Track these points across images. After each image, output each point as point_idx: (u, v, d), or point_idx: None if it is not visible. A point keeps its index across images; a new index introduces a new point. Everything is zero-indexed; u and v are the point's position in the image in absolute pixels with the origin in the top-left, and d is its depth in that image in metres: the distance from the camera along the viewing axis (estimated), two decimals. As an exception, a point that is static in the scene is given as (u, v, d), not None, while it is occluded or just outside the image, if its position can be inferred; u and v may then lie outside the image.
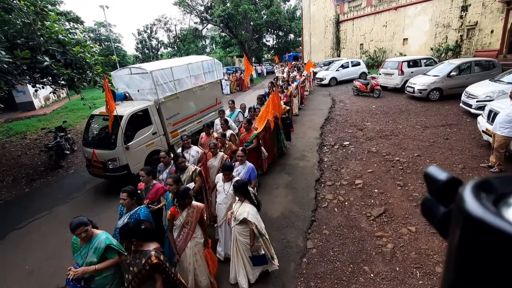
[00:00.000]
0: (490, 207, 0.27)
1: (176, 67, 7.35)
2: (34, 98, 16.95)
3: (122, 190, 3.19)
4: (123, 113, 5.99)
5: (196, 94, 8.14)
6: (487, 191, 0.30)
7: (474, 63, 10.29)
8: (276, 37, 41.87)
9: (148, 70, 6.57)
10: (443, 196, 0.36)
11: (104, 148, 6.02)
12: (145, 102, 6.61)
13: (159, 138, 6.80)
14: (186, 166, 4.09)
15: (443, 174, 0.37)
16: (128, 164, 6.00)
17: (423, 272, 3.39)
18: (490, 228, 0.25)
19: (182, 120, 7.61)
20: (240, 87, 20.46)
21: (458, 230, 0.29)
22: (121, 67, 7.40)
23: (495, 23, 13.94)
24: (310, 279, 3.54)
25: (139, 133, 6.28)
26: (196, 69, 8.23)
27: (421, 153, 6.37)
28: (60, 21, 8.41)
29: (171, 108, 7.16)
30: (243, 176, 3.97)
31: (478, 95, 7.85)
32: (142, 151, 6.35)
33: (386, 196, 5.00)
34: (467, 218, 0.27)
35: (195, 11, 34.55)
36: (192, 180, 4.01)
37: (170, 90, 7.06)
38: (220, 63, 9.42)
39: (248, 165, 4.17)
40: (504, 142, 4.97)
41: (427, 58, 13.29)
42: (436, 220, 0.36)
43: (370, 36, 22.67)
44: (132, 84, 7.02)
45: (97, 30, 34.32)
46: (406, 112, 9.60)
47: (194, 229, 3.13)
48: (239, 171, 4.11)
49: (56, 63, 6.58)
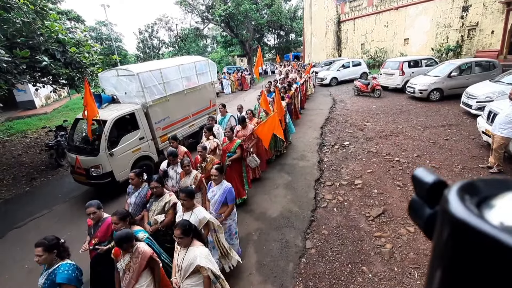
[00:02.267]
0: (473, 209, 0.27)
1: (165, 69, 7.06)
2: (35, 97, 16.99)
3: (36, 244, 2.42)
4: (107, 117, 5.72)
5: (188, 96, 7.81)
6: (472, 193, 0.30)
7: (474, 63, 10.28)
8: (277, 37, 41.75)
9: (135, 72, 6.25)
10: (429, 198, 0.36)
11: (87, 154, 5.77)
12: (131, 106, 6.32)
13: (147, 143, 6.53)
14: (161, 192, 3.47)
15: (430, 176, 0.37)
16: (112, 171, 5.75)
17: (421, 273, 3.39)
18: (473, 230, 0.25)
19: (172, 124, 7.31)
20: (241, 87, 20.46)
21: (442, 232, 0.29)
22: (109, 68, 7.14)
23: (495, 23, 13.92)
24: (309, 279, 3.55)
25: (124, 139, 6.01)
26: (188, 71, 7.92)
27: (421, 153, 6.37)
28: (60, 20, 8.42)
29: (160, 111, 6.88)
30: (219, 199, 3.53)
31: (478, 95, 7.84)
32: (128, 157, 6.08)
33: (385, 197, 5.00)
34: (450, 219, 0.28)
35: (196, 10, 34.51)
36: (163, 212, 3.40)
37: (159, 92, 6.77)
38: (214, 64, 9.11)
39: (225, 186, 3.61)
40: (503, 142, 4.97)
41: (428, 58, 13.28)
42: (422, 222, 0.36)
43: (371, 36, 22.65)
44: (119, 87, 6.72)
45: (98, 29, 34.34)
46: (407, 112, 9.60)
47: (137, 279, 2.56)
48: (215, 192, 3.61)
49: (56, 63, 6.59)
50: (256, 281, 3.59)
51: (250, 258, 3.98)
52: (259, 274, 3.69)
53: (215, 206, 3.59)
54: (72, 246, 4.60)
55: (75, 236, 4.96)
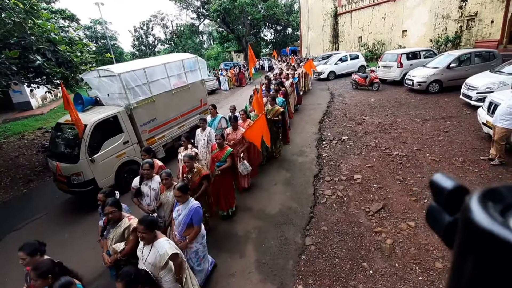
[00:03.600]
0: (497, 218, 0.26)
1: (150, 68, 6.72)
2: (31, 97, 16.85)
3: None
4: (87, 122, 5.48)
5: (177, 96, 7.47)
6: (495, 200, 0.29)
7: (474, 54, 10.15)
8: (274, 32, 41.48)
9: (116, 72, 5.94)
10: (448, 205, 0.35)
11: (67, 161, 5.49)
12: (114, 108, 6.03)
13: (133, 147, 6.24)
14: (119, 216, 3.04)
15: (449, 182, 0.36)
16: (94, 179, 5.50)
17: (423, 268, 3.35)
18: (497, 239, 0.24)
19: (160, 126, 7.02)
20: (239, 83, 20.31)
21: (464, 241, 0.29)
22: (92, 70, 6.83)
23: (495, 13, 13.74)
24: (309, 277, 3.50)
25: (107, 143, 5.75)
26: (176, 69, 7.55)
27: (421, 146, 6.30)
28: (53, 19, 8.28)
29: (146, 113, 6.58)
30: (183, 219, 3.19)
31: (478, 86, 7.74)
32: (112, 163, 5.82)
33: (385, 191, 4.94)
34: (473, 228, 0.26)
35: (192, 6, 34.17)
36: (123, 239, 2.97)
37: (144, 93, 6.46)
38: (204, 61, 8.73)
39: (191, 205, 3.24)
40: (504, 134, 4.90)
41: (426, 50, 13.13)
42: (441, 229, 0.35)
43: (369, 29, 22.41)
44: (102, 88, 6.40)
45: (93, 28, 33.99)
46: (406, 105, 9.51)
47: None
48: (180, 211, 3.26)
49: (49, 62, 6.48)
50: (255, 279, 3.55)
51: (249, 256, 3.94)
52: (258, 272, 3.65)
53: (179, 228, 3.23)
54: (71, 247, 4.61)
55: (73, 238, 4.93)
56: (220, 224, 4.71)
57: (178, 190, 3.21)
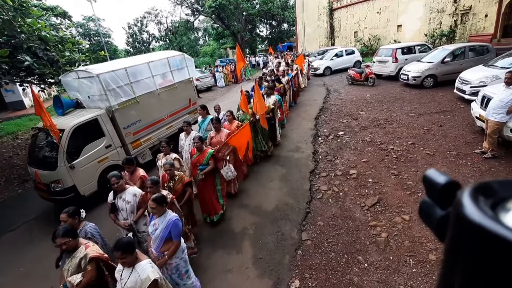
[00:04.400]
0: (487, 212, 0.27)
1: (132, 67, 6.41)
2: (24, 97, 16.66)
3: None
4: (65, 126, 5.23)
5: (163, 96, 7.16)
6: (486, 195, 0.30)
7: (468, 48, 10.21)
8: (269, 27, 41.33)
9: (95, 73, 5.66)
10: (441, 199, 0.36)
11: (45, 168, 5.24)
12: (94, 111, 5.78)
13: (116, 151, 6.00)
14: (75, 245, 2.64)
15: (441, 177, 0.37)
16: (75, 185, 5.28)
17: (417, 260, 3.40)
18: (487, 233, 0.25)
19: (146, 128, 6.73)
20: (235, 79, 20.23)
21: (455, 234, 0.29)
22: (70, 71, 6.52)
23: (489, 7, 13.81)
24: (305, 271, 3.54)
25: (87, 148, 5.51)
26: (161, 68, 7.22)
27: (415, 141, 6.35)
28: (44, 16, 8.15)
29: (129, 115, 6.30)
30: (160, 234, 2.92)
31: (472, 80, 7.80)
32: (93, 168, 5.58)
33: (380, 186, 4.99)
34: (464, 222, 0.27)
35: (186, 2, 33.86)
36: (79, 269, 2.57)
37: (126, 94, 6.16)
38: (191, 58, 8.39)
39: (169, 217, 2.96)
40: (497, 127, 4.96)
41: (421, 44, 13.17)
42: (434, 224, 0.36)
43: (364, 24, 22.42)
44: (82, 90, 6.12)
45: (85, 25, 33.56)
46: (401, 100, 9.56)
47: None
48: (156, 225, 2.98)
49: (39, 61, 6.38)
50: (252, 275, 3.59)
51: (246, 252, 3.96)
52: (255, 268, 3.68)
53: (156, 244, 2.95)
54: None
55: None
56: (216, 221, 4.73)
57: (153, 201, 2.91)
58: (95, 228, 3.21)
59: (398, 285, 3.14)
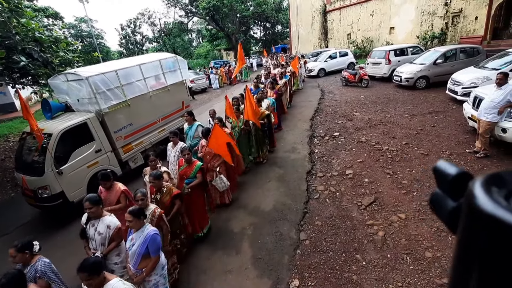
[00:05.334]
0: (501, 202, 0.26)
1: (123, 70, 6.27)
2: (15, 99, 16.36)
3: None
4: (53, 131, 5.07)
5: (155, 99, 7.03)
6: (498, 185, 0.29)
7: (459, 50, 10.43)
8: (263, 29, 41.49)
9: (84, 75, 5.52)
10: (452, 191, 0.36)
11: (32, 174, 5.08)
12: (84, 115, 5.63)
13: (106, 156, 5.86)
14: None
15: (452, 168, 0.36)
16: (63, 192, 5.12)
17: (414, 258, 3.47)
18: (502, 224, 0.24)
19: (137, 131, 6.58)
20: (229, 81, 20.23)
21: (468, 226, 0.29)
22: (58, 73, 6.34)
23: (479, 9, 14.13)
24: (304, 270, 3.57)
25: (76, 153, 5.36)
26: (152, 70, 7.08)
27: (409, 141, 6.46)
28: (37, 17, 8.06)
29: (120, 118, 6.16)
30: (138, 250, 2.75)
31: (464, 81, 7.98)
32: (83, 173, 5.44)
33: (376, 185, 5.06)
34: (477, 213, 0.27)
35: (180, 3, 33.78)
36: None
37: (117, 97, 6.02)
38: (184, 60, 8.28)
39: (147, 232, 2.78)
40: (489, 127, 5.08)
41: (413, 46, 13.40)
42: (445, 215, 0.36)
43: (357, 26, 22.69)
44: (71, 93, 5.95)
45: (78, 26, 33.17)
46: (394, 101, 9.70)
47: None
48: (134, 240, 2.81)
49: (34, 62, 6.30)
50: (252, 275, 3.60)
51: (245, 253, 3.98)
52: (254, 268, 3.69)
53: (133, 260, 2.78)
54: (63, 249, 4.53)
55: (67, 240, 4.85)
56: (214, 222, 4.73)
57: (130, 214, 2.73)
58: (48, 265, 2.76)
59: (396, 283, 3.19)
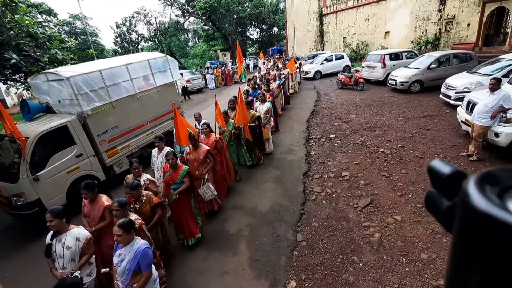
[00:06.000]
0: (495, 200, 0.26)
1: (108, 70, 5.99)
2: (6, 95, 16.06)
3: None
4: (29, 134, 4.78)
5: (143, 100, 6.76)
6: (492, 183, 0.29)
7: (452, 55, 10.63)
8: (260, 31, 41.61)
9: (65, 75, 5.22)
10: (447, 190, 0.36)
11: (6, 180, 4.78)
12: (64, 117, 5.35)
13: (88, 161, 5.57)
14: None
15: (447, 167, 0.37)
16: (40, 199, 4.81)
17: (409, 259, 3.50)
18: (495, 222, 0.24)
19: (123, 134, 6.30)
20: (225, 82, 20.21)
21: (463, 224, 0.29)
22: (39, 73, 6.07)
23: (471, 16, 14.44)
24: (301, 272, 3.57)
25: (55, 158, 5.04)
26: (141, 70, 6.79)
27: (404, 144, 6.54)
28: (31, 13, 7.92)
29: (104, 121, 5.89)
30: (128, 266, 2.56)
31: (457, 86, 8.13)
32: (62, 180, 5.13)
33: (372, 187, 5.11)
34: (471, 211, 0.27)
35: (176, 3, 33.65)
36: None
37: (101, 98, 5.74)
38: (175, 61, 8.05)
39: (137, 246, 2.61)
40: (482, 131, 5.18)
41: (408, 51, 13.60)
42: (440, 214, 0.36)
43: (353, 30, 22.94)
44: (52, 94, 5.67)
45: (72, 23, 32.74)
46: (389, 104, 9.82)
47: None
48: (122, 256, 2.61)
49: (27, 59, 6.17)
50: (249, 276, 3.58)
51: (242, 254, 3.96)
52: (251, 269, 3.68)
53: (123, 277, 2.59)
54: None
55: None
56: (211, 223, 4.70)
57: (119, 227, 2.51)
58: None
59: (392, 284, 3.21)
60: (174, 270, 3.80)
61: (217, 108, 5.43)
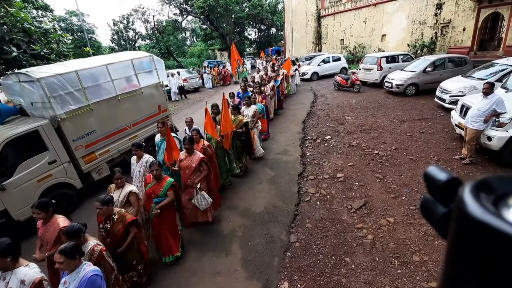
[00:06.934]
0: (489, 208, 0.26)
1: (85, 70, 5.60)
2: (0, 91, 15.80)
3: None
4: None
5: (125, 102, 6.39)
6: (487, 191, 0.30)
7: (447, 59, 10.74)
8: (258, 31, 41.60)
9: (35, 76, 4.86)
10: (442, 196, 0.36)
11: None
12: (38, 120, 5.01)
13: (62, 167, 5.21)
14: None
15: (443, 174, 0.36)
16: (6, 210, 4.48)
17: (401, 261, 3.52)
18: (490, 229, 0.25)
19: (102, 139, 5.92)
20: (222, 81, 20.17)
21: (458, 231, 0.29)
22: (11, 73, 5.73)
23: (467, 21, 14.59)
24: (294, 273, 3.57)
25: (24, 165, 4.69)
26: (123, 70, 6.42)
27: (399, 146, 6.58)
28: (26, 8, 7.82)
29: (81, 125, 5.52)
30: None
31: (452, 90, 8.21)
32: (32, 188, 4.78)
33: (366, 189, 5.13)
34: (466, 219, 0.27)
35: (175, 1, 33.53)
36: None
37: (77, 101, 5.37)
38: (161, 60, 7.64)
39: (84, 274, 2.27)
40: (475, 135, 5.23)
41: (404, 54, 13.72)
42: (436, 221, 0.36)
43: (350, 32, 23.05)
44: (25, 95, 5.35)
45: (68, 20, 32.44)
46: (385, 107, 9.88)
47: None
48: (67, 284, 2.29)
49: (24, 54, 6.10)
50: (241, 277, 3.57)
51: (235, 254, 3.95)
52: (244, 270, 3.67)
53: None
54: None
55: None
56: (204, 223, 4.67)
57: (60, 253, 2.21)
58: None
59: (384, 286, 3.22)
60: (167, 270, 3.77)
61: (207, 115, 5.17)
